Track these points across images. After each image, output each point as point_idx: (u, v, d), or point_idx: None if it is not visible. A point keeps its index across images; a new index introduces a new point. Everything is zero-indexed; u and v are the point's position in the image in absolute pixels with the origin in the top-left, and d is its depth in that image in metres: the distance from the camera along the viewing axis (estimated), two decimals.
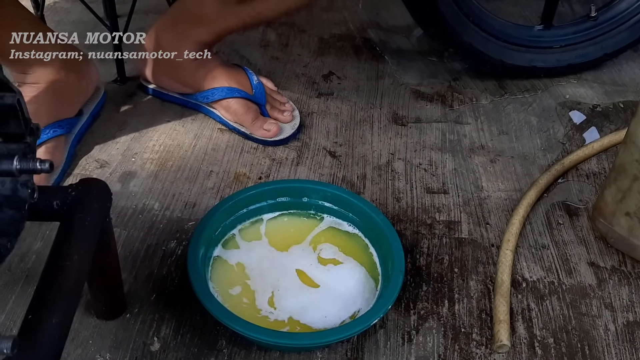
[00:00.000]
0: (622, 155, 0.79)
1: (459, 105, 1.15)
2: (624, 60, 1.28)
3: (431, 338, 0.74)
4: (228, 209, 0.79)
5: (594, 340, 0.74)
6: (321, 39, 1.33)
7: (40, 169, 0.51)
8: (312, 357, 0.71)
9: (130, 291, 0.77)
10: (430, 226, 0.89)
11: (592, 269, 0.83)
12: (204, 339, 0.72)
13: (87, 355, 0.69)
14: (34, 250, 0.81)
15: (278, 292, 0.74)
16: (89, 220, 0.57)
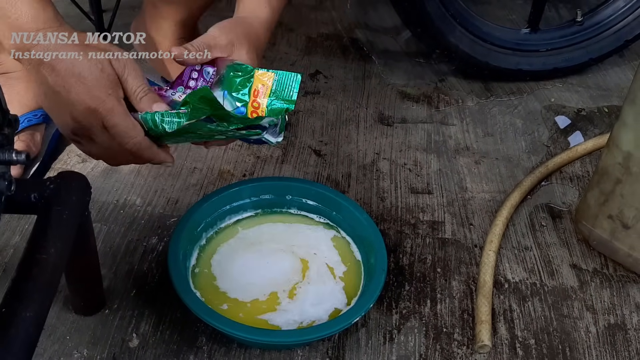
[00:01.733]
0: (606, 159, 0.80)
1: (444, 107, 1.15)
2: (609, 65, 1.29)
3: (413, 337, 0.73)
4: (211, 206, 0.78)
5: (575, 341, 0.74)
6: (309, 38, 1.33)
7: (16, 160, 0.50)
8: (292, 355, 0.70)
9: (110, 287, 0.76)
10: (413, 226, 0.88)
11: (574, 271, 0.84)
12: (184, 336, 0.71)
13: (64, 351, 0.68)
14: (12, 245, 0.80)
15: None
16: (66, 214, 0.56)
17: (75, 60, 0.60)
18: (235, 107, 0.69)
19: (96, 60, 0.61)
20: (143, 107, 0.63)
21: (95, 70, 0.61)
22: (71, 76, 0.60)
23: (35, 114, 0.90)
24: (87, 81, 0.61)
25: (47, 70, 0.60)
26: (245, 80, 0.69)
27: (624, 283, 0.82)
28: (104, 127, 0.62)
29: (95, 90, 0.61)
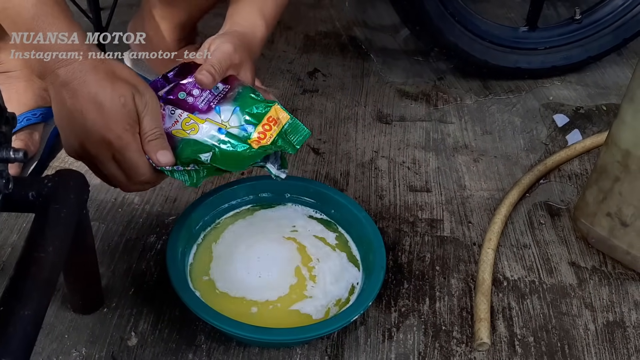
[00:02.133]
0: (604, 157, 0.80)
1: (443, 105, 1.15)
2: (607, 63, 1.29)
3: (411, 335, 0.73)
4: (209, 204, 0.78)
5: (573, 339, 0.74)
6: (307, 35, 1.33)
7: (14, 158, 0.50)
8: (291, 353, 0.70)
9: (108, 285, 0.76)
10: (412, 224, 0.88)
11: (572, 268, 0.84)
12: (183, 334, 0.71)
13: (62, 349, 0.68)
14: (10, 243, 0.79)
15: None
16: (64, 212, 0.56)
17: (99, 88, 0.60)
18: (241, 125, 0.69)
19: (120, 93, 0.61)
20: (149, 149, 0.64)
21: (117, 104, 0.61)
22: (91, 103, 0.60)
23: (34, 113, 0.89)
24: (107, 113, 0.60)
25: (68, 93, 0.60)
26: (263, 106, 0.69)
27: (622, 281, 0.82)
28: (114, 158, 0.63)
29: (113, 123, 0.61)
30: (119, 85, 0.61)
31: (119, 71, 0.63)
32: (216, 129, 0.68)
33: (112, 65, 0.62)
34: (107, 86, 0.60)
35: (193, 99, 0.69)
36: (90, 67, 0.60)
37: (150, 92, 0.64)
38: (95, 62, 0.61)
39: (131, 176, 0.65)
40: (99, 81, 0.60)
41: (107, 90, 0.60)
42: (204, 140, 0.68)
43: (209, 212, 0.79)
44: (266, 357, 0.70)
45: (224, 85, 0.70)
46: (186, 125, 0.68)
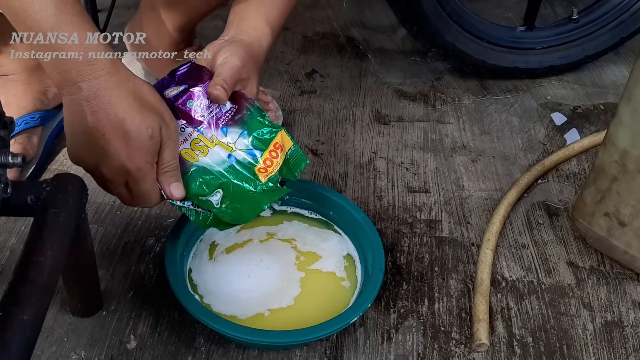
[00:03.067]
0: (602, 157, 0.80)
1: (441, 105, 1.15)
2: (604, 63, 1.29)
3: (410, 336, 0.73)
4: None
5: (572, 339, 0.74)
6: (305, 36, 1.33)
7: (12, 162, 0.50)
8: (290, 355, 0.70)
9: (107, 288, 0.76)
10: (411, 225, 0.88)
11: (571, 268, 0.84)
12: (182, 337, 0.71)
13: (61, 352, 0.68)
14: (8, 247, 0.79)
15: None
16: (63, 216, 0.56)
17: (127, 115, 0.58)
18: (248, 149, 0.69)
19: (148, 124, 0.59)
20: (163, 180, 0.64)
21: (145, 135, 0.59)
22: (117, 130, 0.58)
23: (33, 116, 0.89)
24: (132, 143, 0.59)
25: (90, 109, 0.57)
26: (270, 132, 0.70)
27: (620, 280, 0.82)
28: (127, 184, 0.62)
29: (136, 154, 0.59)
30: (148, 115, 0.59)
31: (146, 95, 0.60)
32: (226, 155, 0.68)
33: (140, 87, 0.60)
34: (135, 115, 0.58)
35: (200, 109, 0.68)
36: (116, 86, 0.57)
37: (174, 123, 0.63)
38: (121, 80, 0.58)
39: (138, 201, 0.64)
40: (128, 108, 0.58)
41: (136, 120, 0.58)
42: (213, 167, 0.67)
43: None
44: (265, 359, 0.70)
45: (232, 105, 0.70)
46: (195, 146, 0.68)
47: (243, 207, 0.68)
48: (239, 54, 0.71)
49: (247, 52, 0.72)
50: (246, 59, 0.71)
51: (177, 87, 0.69)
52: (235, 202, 0.67)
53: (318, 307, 0.71)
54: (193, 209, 0.67)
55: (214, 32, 1.25)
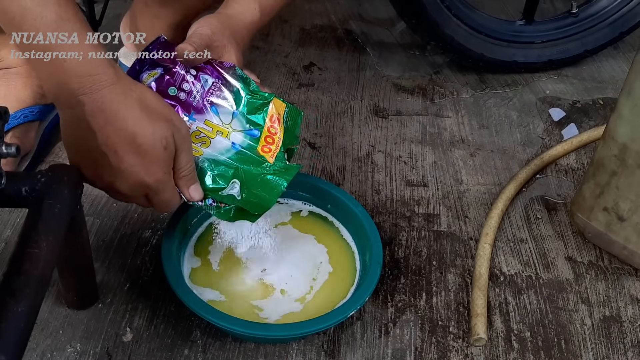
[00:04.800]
0: (601, 151, 0.79)
1: (439, 99, 1.14)
2: (604, 57, 1.29)
3: (408, 331, 0.73)
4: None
5: (570, 334, 0.74)
6: (302, 29, 1.32)
7: (6, 152, 0.50)
8: (287, 349, 0.70)
9: (103, 281, 0.75)
10: (409, 219, 0.88)
11: (569, 263, 0.84)
12: (178, 330, 0.71)
13: (57, 345, 0.68)
14: (3, 238, 0.79)
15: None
16: (58, 207, 0.55)
17: (138, 128, 0.55)
18: (247, 129, 0.68)
19: (161, 134, 0.56)
20: (181, 184, 0.63)
21: (160, 147, 0.56)
22: (128, 144, 0.55)
23: (32, 110, 0.88)
24: (148, 157, 0.56)
25: (98, 125, 0.54)
26: (263, 105, 0.69)
27: (619, 275, 0.82)
28: (146, 195, 0.61)
29: (154, 167, 0.57)
30: (159, 125, 0.56)
31: (151, 102, 0.58)
32: (229, 143, 0.67)
33: (143, 94, 0.57)
34: (147, 127, 0.55)
35: (185, 94, 0.66)
36: (121, 98, 0.54)
37: (184, 126, 0.61)
38: (125, 90, 0.55)
39: (160, 209, 0.64)
40: (138, 120, 0.55)
41: (148, 132, 0.55)
42: (218, 157, 0.67)
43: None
44: (262, 353, 0.69)
45: (214, 79, 0.68)
46: (196, 138, 0.66)
47: (261, 192, 0.67)
48: (209, 23, 0.68)
49: (221, 22, 0.70)
50: (217, 27, 0.68)
51: (153, 72, 0.65)
52: (252, 189, 0.67)
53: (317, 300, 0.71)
54: (214, 206, 0.66)
55: None
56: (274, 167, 0.68)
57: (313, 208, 0.82)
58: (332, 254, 0.76)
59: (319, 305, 0.71)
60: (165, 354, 0.68)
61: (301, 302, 0.71)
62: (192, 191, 0.64)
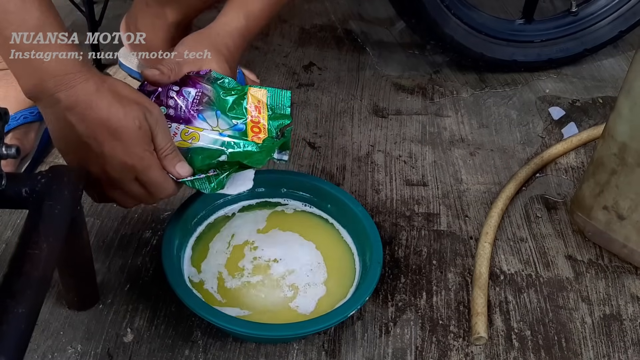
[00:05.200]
0: (601, 150, 0.79)
1: (439, 98, 1.14)
2: (603, 56, 1.29)
3: (409, 330, 0.73)
4: (205, 199, 0.78)
5: (570, 332, 0.74)
6: (302, 29, 1.32)
7: (6, 154, 0.50)
8: (288, 348, 0.70)
9: (104, 281, 0.75)
10: (409, 218, 0.88)
11: (569, 262, 0.84)
12: (179, 330, 0.71)
13: (57, 346, 0.68)
14: (4, 239, 0.79)
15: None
16: (58, 208, 0.55)
17: (111, 113, 0.59)
18: (233, 125, 0.70)
19: (133, 115, 0.60)
20: (166, 164, 0.64)
21: (133, 127, 0.60)
22: (105, 129, 0.59)
23: (32, 111, 0.89)
24: (125, 137, 0.59)
25: (75, 117, 0.58)
26: (239, 99, 0.71)
27: (619, 274, 0.82)
28: (137, 179, 0.63)
29: (133, 147, 0.60)
30: (130, 107, 0.60)
31: (122, 90, 0.61)
32: (217, 134, 0.69)
33: (114, 84, 0.61)
34: (118, 110, 0.59)
35: (173, 110, 0.70)
36: (93, 90, 0.58)
37: (157, 108, 0.64)
38: (97, 83, 0.59)
39: (155, 193, 0.65)
40: (109, 106, 0.59)
41: (120, 114, 0.59)
42: (210, 146, 0.68)
43: (204, 207, 0.78)
44: (263, 353, 0.69)
45: (195, 90, 0.70)
46: (185, 135, 0.69)
47: (250, 161, 0.68)
48: (185, 40, 0.73)
49: (198, 35, 0.73)
50: (191, 41, 0.73)
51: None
52: (240, 158, 0.68)
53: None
54: (205, 178, 0.67)
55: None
56: (261, 145, 0.70)
57: (314, 210, 0.81)
58: (332, 254, 0.76)
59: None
60: (166, 355, 0.68)
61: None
62: (179, 168, 0.65)
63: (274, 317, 0.68)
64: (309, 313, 0.69)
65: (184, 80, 0.71)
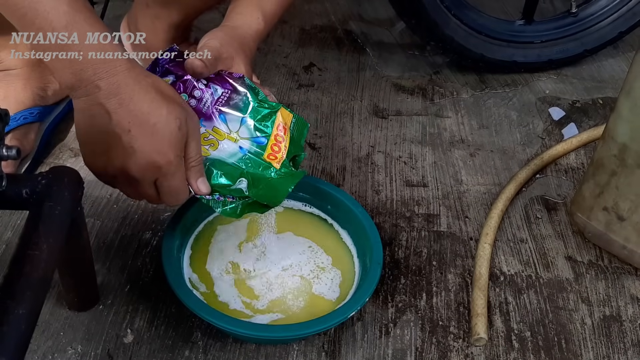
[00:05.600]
0: (601, 151, 0.79)
1: (439, 99, 1.14)
2: (603, 57, 1.29)
3: (409, 331, 0.73)
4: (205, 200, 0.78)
5: (570, 334, 0.74)
6: (302, 29, 1.32)
7: (7, 155, 0.50)
8: (288, 349, 0.70)
9: (104, 282, 0.75)
10: (409, 219, 0.88)
11: (569, 263, 0.84)
12: (179, 331, 0.71)
13: (58, 347, 0.68)
14: (4, 240, 0.79)
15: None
16: (58, 209, 0.55)
17: (153, 108, 0.56)
18: (254, 137, 0.69)
19: (176, 115, 0.57)
20: (190, 175, 0.62)
21: (174, 127, 0.57)
22: (143, 123, 0.56)
23: (32, 111, 0.89)
24: (161, 136, 0.57)
25: (114, 105, 0.55)
26: (270, 114, 0.70)
27: (619, 275, 0.82)
28: (155, 182, 0.60)
29: (166, 147, 0.57)
30: (173, 107, 0.58)
31: (165, 88, 0.59)
32: (237, 147, 0.68)
33: (158, 81, 0.59)
34: (161, 107, 0.56)
35: (196, 101, 0.67)
36: (136, 81, 0.56)
37: (195, 116, 0.61)
38: (140, 75, 0.57)
39: (167, 199, 0.62)
40: (152, 101, 0.56)
41: (163, 112, 0.56)
42: (228, 160, 0.67)
43: (204, 208, 0.78)
44: (263, 354, 0.69)
45: (223, 89, 0.69)
46: (205, 140, 0.67)
47: (268, 191, 0.67)
48: (217, 36, 0.70)
49: (228, 34, 0.71)
50: (225, 39, 0.70)
51: (166, 80, 0.66)
52: (259, 187, 0.67)
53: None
54: (221, 201, 0.66)
55: (211, 26, 1.24)
56: (279, 172, 0.69)
57: (314, 210, 0.81)
58: (331, 255, 0.76)
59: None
60: (166, 355, 0.68)
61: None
62: (200, 184, 0.63)
63: (306, 312, 0.69)
64: (335, 299, 0.71)
65: (213, 76, 0.69)
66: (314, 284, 0.72)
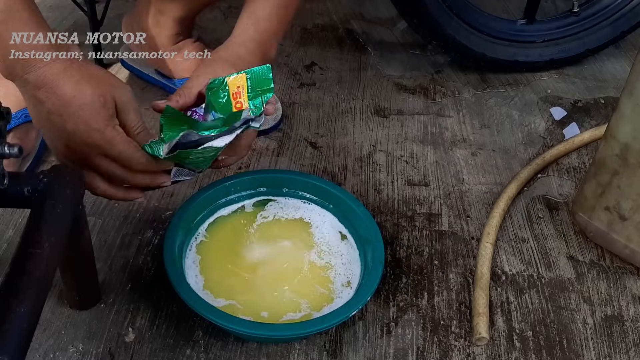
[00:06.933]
0: (603, 150, 0.79)
1: (441, 98, 1.14)
2: (605, 56, 1.29)
3: (410, 330, 0.73)
4: (206, 199, 0.78)
5: (572, 333, 0.74)
6: (304, 29, 1.32)
7: (8, 153, 0.50)
8: (290, 348, 0.70)
9: (105, 281, 0.75)
10: (410, 218, 0.88)
11: (571, 262, 0.84)
12: (180, 330, 0.71)
13: (59, 345, 0.68)
14: (5, 239, 0.79)
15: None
16: (60, 208, 0.55)
17: (75, 90, 0.60)
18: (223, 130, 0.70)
19: (99, 92, 0.61)
20: (140, 140, 0.65)
21: (98, 105, 0.61)
22: (68, 106, 0.60)
23: None
24: (87, 114, 0.61)
25: (42, 96, 0.60)
26: (221, 92, 0.71)
27: (620, 274, 0.82)
28: (105, 155, 0.63)
29: (94, 123, 0.61)
30: (97, 86, 0.61)
31: (92, 70, 0.63)
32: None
33: (84, 65, 0.62)
34: (85, 87, 0.60)
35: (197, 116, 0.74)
36: (61, 69, 0.60)
37: (127, 89, 0.65)
38: (65, 64, 0.60)
39: (132, 165, 0.65)
40: (76, 84, 0.60)
41: (87, 91, 0.60)
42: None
43: (206, 206, 0.78)
44: (264, 352, 0.69)
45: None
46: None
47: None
48: (198, 68, 0.74)
49: (210, 62, 0.74)
50: (203, 67, 0.73)
51: None
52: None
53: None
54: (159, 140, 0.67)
55: (212, 24, 1.24)
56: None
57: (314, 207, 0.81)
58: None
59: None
60: (168, 354, 0.68)
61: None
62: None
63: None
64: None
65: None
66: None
